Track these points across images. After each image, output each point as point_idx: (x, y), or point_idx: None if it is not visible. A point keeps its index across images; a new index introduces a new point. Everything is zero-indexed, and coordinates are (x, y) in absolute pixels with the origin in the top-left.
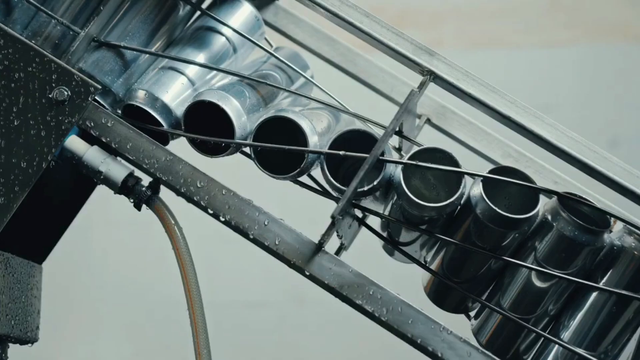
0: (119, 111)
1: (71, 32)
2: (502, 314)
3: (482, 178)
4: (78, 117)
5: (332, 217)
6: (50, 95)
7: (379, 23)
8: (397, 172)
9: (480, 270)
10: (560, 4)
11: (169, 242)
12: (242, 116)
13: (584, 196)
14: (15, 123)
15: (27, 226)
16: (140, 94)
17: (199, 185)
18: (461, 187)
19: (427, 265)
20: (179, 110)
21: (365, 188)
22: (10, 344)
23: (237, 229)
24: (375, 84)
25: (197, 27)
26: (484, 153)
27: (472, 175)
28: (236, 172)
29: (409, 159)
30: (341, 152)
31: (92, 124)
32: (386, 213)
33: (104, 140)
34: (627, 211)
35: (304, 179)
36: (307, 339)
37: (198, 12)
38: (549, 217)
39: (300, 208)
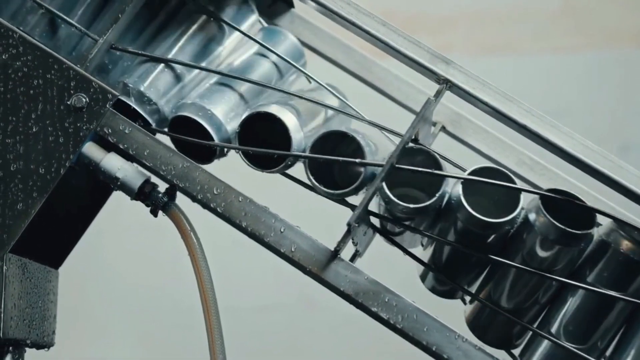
0: (166, 129)
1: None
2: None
3: (539, 196)
4: (96, 124)
5: (348, 224)
6: (68, 102)
7: (395, 32)
8: (455, 189)
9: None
10: (570, 10)
11: (180, 247)
12: (299, 132)
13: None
14: (34, 129)
15: (44, 231)
16: (191, 106)
17: (215, 192)
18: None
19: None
20: (229, 126)
21: (420, 205)
22: (26, 349)
23: (253, 235)
24: (390, 92)
25: (246, 56)
26: (498, 160)
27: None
28: (253, 179)
29: (469, 174)
30: (357, 160)
31: (109, 130)
32: (373, 206)
33: (121, 147)
34: None
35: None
36: (318, 342)
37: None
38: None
39: (316, 215)
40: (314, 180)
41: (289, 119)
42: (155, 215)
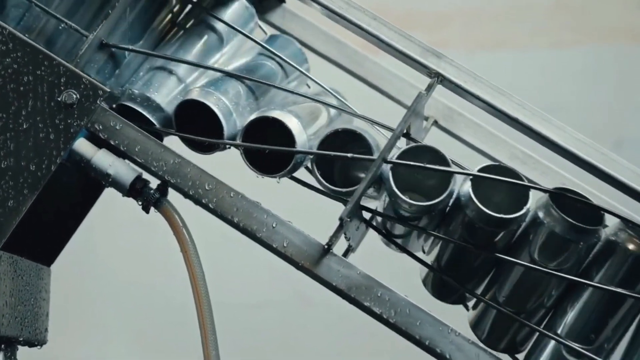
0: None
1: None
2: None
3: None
4: (87, 120)
5: (341, 219)
6: (59, 99)
7: (386, 25)
8: (463, 187)
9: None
10: (566, 6)
11: (173, 244)
12: (303, 134)
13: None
14: (25, 126)
15: (35, 229)
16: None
17: (207, 187)
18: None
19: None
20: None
21: (430, 203)
22: (19, 347)
23: (245, 231)
24: (382, 86)
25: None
26: (490, 155)
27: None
28: (245, 175)
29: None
30: (349, 155)
31: (100, 126)
32: (380, 207)
33: (112, 143)
34: (634, 212)
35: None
36: (312, 339)
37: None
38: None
39: (308, 210)
40: (320, 177)
41: (292, 122)
42: (147, 211)
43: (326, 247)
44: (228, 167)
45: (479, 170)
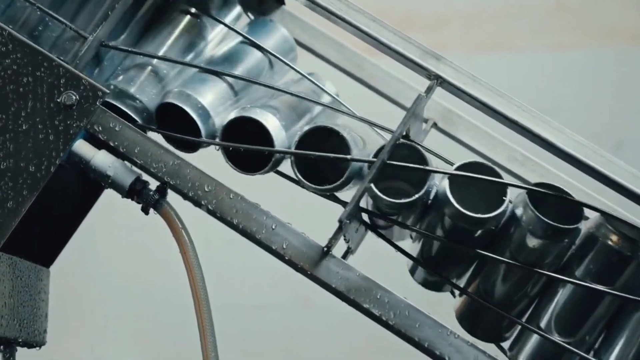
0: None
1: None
2: (544, 337)
3: (526, 191)
4: (86, 122)
5: (340, 221)
6: (58, 100)
7: (386, 27)
8: (442, 183)
9: (518, 292)
10: (566, 8)
11: (174, 245)
12: (281, 131)
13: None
14: (24, 127)
15: (34, 230)
16: (175, 92)
17: (206, 189)
18: (506, 199)
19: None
20: (217, 118)
21: (406, 200)
22: (18, 348)
23: (244, 232)
24: (381, 88)
25: (234, 44)
26: (490, 157)
27: (519, 187)
28: (244, 177)
29: (456, 169)
30: (348, 157)
31: (100, 128)
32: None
33: (111, 144)
34: (633, 214)
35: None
36: (313, 340)
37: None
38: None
39: (307, 212)
40: (300, 176)
41: (270, 122)
42: (147, 213)
43: (325, 249)
44: (228, 168)
45: (458, 167)
